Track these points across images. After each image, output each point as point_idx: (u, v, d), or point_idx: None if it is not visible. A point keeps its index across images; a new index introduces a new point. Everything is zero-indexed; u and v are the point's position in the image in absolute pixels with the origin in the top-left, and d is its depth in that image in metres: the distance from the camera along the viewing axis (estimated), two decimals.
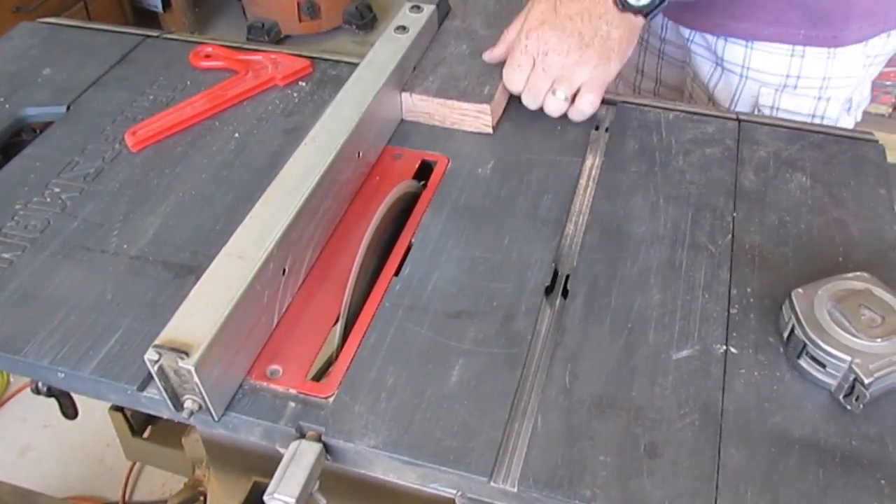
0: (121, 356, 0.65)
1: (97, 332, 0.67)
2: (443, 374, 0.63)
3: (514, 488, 0.56)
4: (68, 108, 0.93)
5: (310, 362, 0.65)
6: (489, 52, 0.91)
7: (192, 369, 0.56)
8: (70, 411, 1.03)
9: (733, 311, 0.68)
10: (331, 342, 0.66)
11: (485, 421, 0.60)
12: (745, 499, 0.55)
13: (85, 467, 1.73)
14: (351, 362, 0.64)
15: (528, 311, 0.68)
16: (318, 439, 0.59)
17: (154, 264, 0.73)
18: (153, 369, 0.58)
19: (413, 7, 0.96)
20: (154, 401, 0.63)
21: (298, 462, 0.57)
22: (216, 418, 0.61)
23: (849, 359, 0.59)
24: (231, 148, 0.86)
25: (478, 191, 0.80)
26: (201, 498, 0.94)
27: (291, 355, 0.65)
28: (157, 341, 0.58)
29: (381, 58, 0.87)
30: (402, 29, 0.92)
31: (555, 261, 0.73)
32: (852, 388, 0.59)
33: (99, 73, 0.98)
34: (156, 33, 1.05)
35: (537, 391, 0.63)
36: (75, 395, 0.99)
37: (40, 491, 1.22)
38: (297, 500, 0.56)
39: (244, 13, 3.07)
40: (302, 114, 0.91)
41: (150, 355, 0.57)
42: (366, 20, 3.05)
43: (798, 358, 0.62)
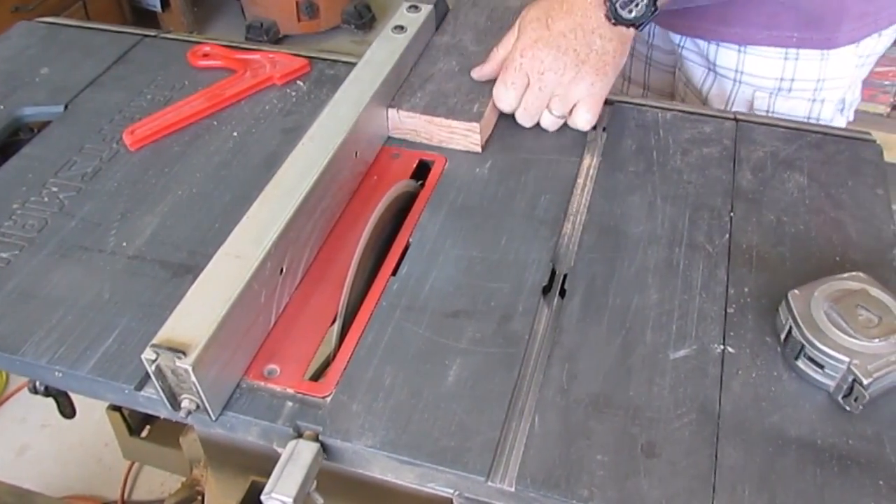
0: (118, 355, 0.65)
1: (95, 331, 0.67)
2: (440, 374, 0.63)
3: (512, 488, 0.57)
4: (66, 107, 0.93)
5: (307, 362, 0.65)
6: (478, 69, 0.88)
7: (190, 369, 0.56)
8: (68, 410, 1.03)
9: (730, 310, 0.68)
10: (328, 342, 0.66)
11: (482, 421, 0.60)
12: (742, 498, 0.55)
13: (83, 467, 1.73)
14: (348, 362, 0.64)
15: (525, 311, 0.68)
16: (316, 439, 0.59)
17: (151, 264, 0.73)
18: (150, 369, 0.58)
19: (411, 7, 0.96)
20: (151, 400, 0.63)
21: (296, 461, 0.57)
22: (213, 418, 0.61)
23: (847, 360, 0.59)
24: (229, 147, 0.86)
25: (475, 190, 0.80)
26: (199, 497, 0.94)
27: (289, 355, 0.65)
28: (154, 341, 0.58)
29: (378, 57, 0.87)
30: (400, 29, 0.92)
31: (552, 260, 0.73)
32: (851, 388, 0.59)
33: (97, 72, 0.98)
34: (154, 33, 1.05)
35: (535, 391, 0.63)
36: (73, 394, 0.99)
37: (39, 490, 1.23)
38: (295, 500, 0.56)
39: (243, 13, 3.07)
40: (300, 113, 0.91)
41: (148, 355, 0.57)
42: (364, 20, 3.04)
43: (796, 359, 0.62)
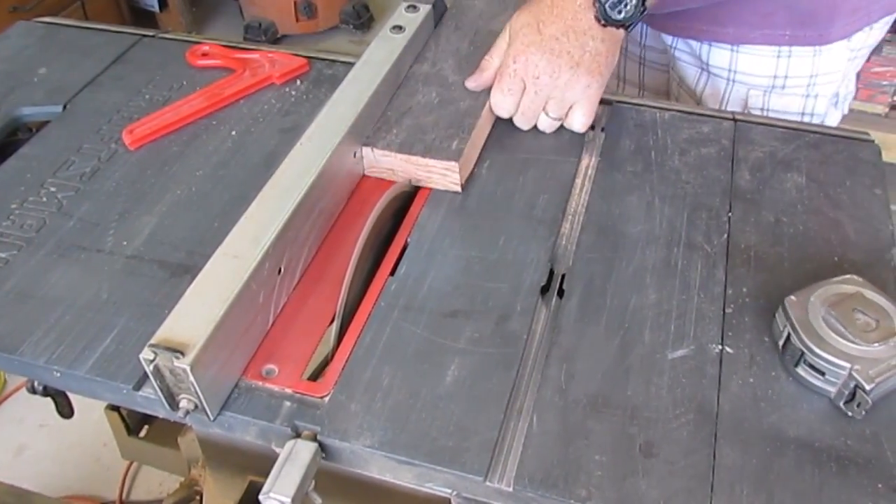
0: (116, 355, 0.65)
1: (93, 331, 0.67)
2: (438, 374, 0.63)
3: (510, 488, 0.57)
4: (64, 107, 0.93)
5: (305, 362, 0.65)
6: (474, 78, 0.87)
7: (188, 369, 0.56)
8: (66, 410, 1.03)
9: (729, 310, 0.68)
10: (326, 342, 0.66)
11: (480, 420, 0.60)
12: (740, 498, 0.55)
13: (82, 467, 1.72)
14: (346, 362, 0.64)
15: (523, 311, 0.68)
16: (314, 439, 0.59)
17: (150, 264, 0.73)
18: (149, 369, 0.58)
19: (409, 7, 0.95)
20: (150, 400, 0.63)
21: (294, 461, 0.57)
22: (212, 418, 0.61)
23: (848, 366, 0.59)
24: (227, 147, 0.86)
25: (474, 190, 0.80)
26: (197, 497, 0.94)
27: (287, 355, 0.65)
28: (152, 341, 0.58)
29: (376, 57, 0.87)
30: (399, 28, 0.92)
31: (550, 260, 0.73)
32: (853, 394, 0.59)
33: (95, 72, 0.98)
34: (152, 33, 1.05)
35: (533, 391, 0.63)
36: (71, 394, 0.99)
37: (37, 490, 1.22)
38: (293, 500, 0.56)
39: (241, 13, 3.06)
40: (298, 113, 0.90)
41: (146, 355, 0.57)
42: (363, 20, 3.04)
43: (796, 366, 0.62)
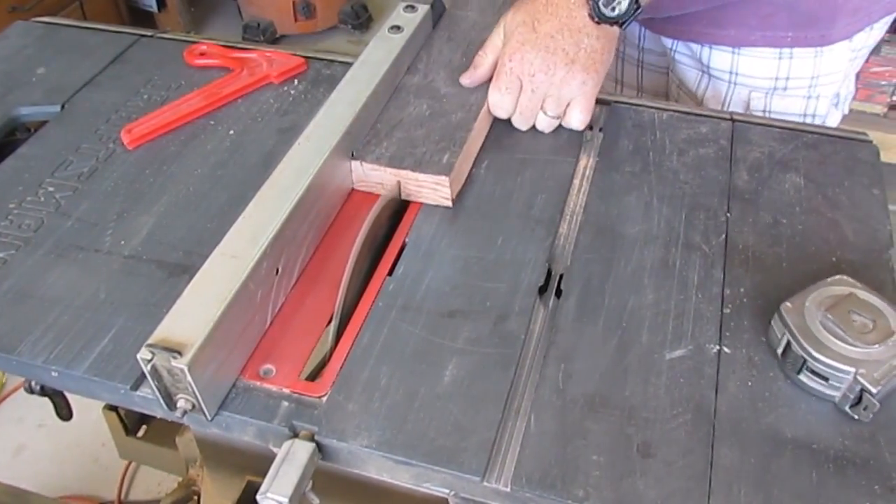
0: (114, 355, 0.65)
1: (91, 331, 0.67)
2: (436, 374, 0.63)
3: (507, 488, 0.57)
4: (62, 107, 0.93)
5: (303, 362, 0.65)
6: (468, 75, 0.86)
7: (185, 368, 0.56)
8: (65, 412, 1.03)
9: (727, 310, 0.68)
10: (324, 342, 0.66)
11: (478, 420, 0.60)
12: (737, 498, 0.55)
13: (80, 467, 1.72)
14: (344, 362, 0.64)
15: (521, 311, 0.68)
16: (312, 439, 0.59)
17: (148, 263, 0.73)
18: (146, 368, 0.58)
19: (407, 7, 0.95)
20: (147, 400, 0.63)
21: (291, 461, 0.57)
22: (209, 418, 0.61)
23: (853, 370, 0.58)
24: (225, 147, 0.86)
25: (472, 190, 0.80)
26: (195, 497, 0.94)
27: (285, 355, 0.65)
28: (150, 340, 0.58)
29: (375, 57, 0.87)
30: (397, 29, 0.92)
31: (548, 260, 0.73)
32: (859, 398, 0.58)
33: (93, 72, 0.98)
34: (150, 33, 1.05)
35: (530, 391, 0.63)
36: (69, 394, 0.99)
37: (36, 491, 1.23)
38: (290, 500, 0.56)
39: (240, 13, 3.06)
40: (296, 113, 0.90)
41: (144, 354, 0.57)
42: (361, 20, 3.04)
43: (798, 374, 0.61)
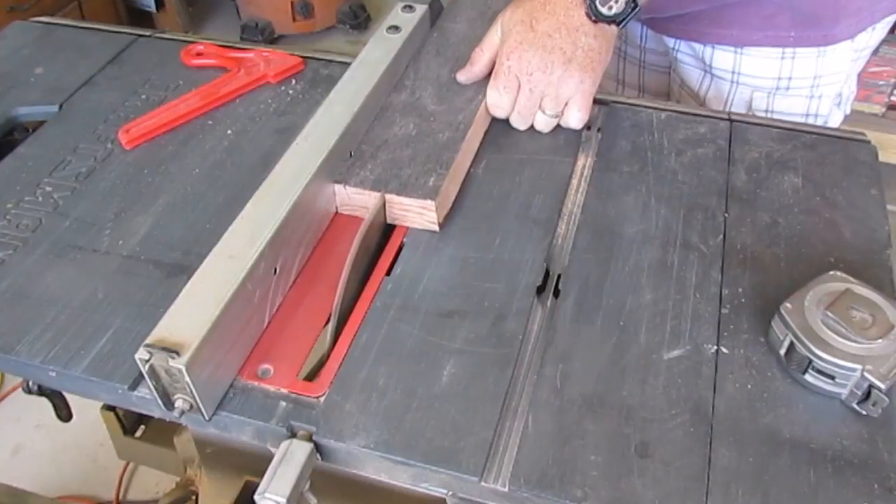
0: (112, 355, 0.65)
1: (89, 331, 0.67)
2: (434, 374, 0.63)
3: (505, 488, 0.57)
4: (61, 107, 0.93)
5: (301, 362, 0.65)
6: (465, 71, 0.86)
7: (183, 368, 0.56)
8: (64, 413, 1.03)
9: (725, 311, 0.68)
10: (322, 342, 0.66)
11: (476, 421, 0.60)
12: (735, 498, 0.56)
13: (78, 467, 1.72)
14: (342, 362, 0.64)
15: (519, 311, 0.68)
16: (309, 439, 0.59)
17: (146, 263, 0.73)
18: (144, 368, 0.58)
19: (405, 7, 0.95)
20: (145, 400, 0.63)
21: (289, 461, 0.57)
22: (207, 418, 0.61)
23: (859, 367, 0.58)
24: (223, 147, 0.86)
25: (470, 190, 0.80)
26: (193, 497, 0.94)
27: (283, 355, 0.65)
28: (148, 340, 0.58)
29: (373, 58, 0.87)
30: (395, 29, 0.92)
31: (546, 261, 0.73)
32: (868, 394, 0.58)
33: (91, 72, 0.98)
34: (148, 33, 1.05)
35: (528, 391, 0.63)
36: (68, 394, 0.99)
37: (34, 491, 1.22)
38: (288, 500, 0.55)
39: (238, 13, 3.06)
40: (294, 113, 0.90)
41: (141, 354, 0.57)
42: (359, 20, 3.04)
43: (804, 374, 0.61)
